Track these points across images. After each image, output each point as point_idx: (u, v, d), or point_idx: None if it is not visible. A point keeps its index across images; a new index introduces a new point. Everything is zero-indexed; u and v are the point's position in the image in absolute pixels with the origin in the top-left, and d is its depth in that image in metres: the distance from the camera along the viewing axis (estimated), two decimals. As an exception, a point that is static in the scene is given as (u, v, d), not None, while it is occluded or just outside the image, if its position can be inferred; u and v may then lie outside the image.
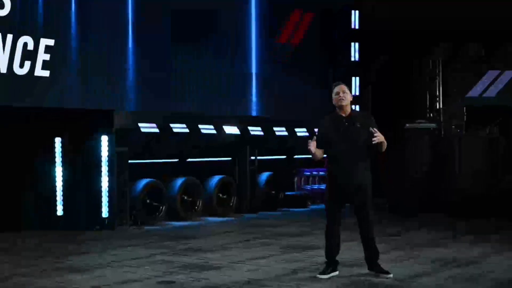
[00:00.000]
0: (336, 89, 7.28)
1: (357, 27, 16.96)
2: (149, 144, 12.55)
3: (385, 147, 7.19)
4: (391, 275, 7.23)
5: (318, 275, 7.29)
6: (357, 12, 16.75)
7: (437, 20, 15.73)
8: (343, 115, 7.29)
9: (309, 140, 7.19)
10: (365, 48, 16.87)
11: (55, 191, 12.12)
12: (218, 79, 13.92)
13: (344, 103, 7.24)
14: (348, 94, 7.28)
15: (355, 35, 16.97)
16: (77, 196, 12.03)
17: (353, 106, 7.83)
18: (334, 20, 16.50)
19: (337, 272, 7.35)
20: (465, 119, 15.59)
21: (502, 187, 13.42)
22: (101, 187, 11.72)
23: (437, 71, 16.16)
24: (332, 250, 7.35)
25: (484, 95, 16.43)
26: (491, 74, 16.29)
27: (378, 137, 7.05)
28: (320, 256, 7.51)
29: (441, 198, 13.62)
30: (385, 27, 16.05)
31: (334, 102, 7.29)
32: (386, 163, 12.90)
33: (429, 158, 14.12)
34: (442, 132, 15.41)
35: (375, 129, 7.09)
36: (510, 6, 14.83)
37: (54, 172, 12.11)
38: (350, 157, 7.15)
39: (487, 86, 16.36)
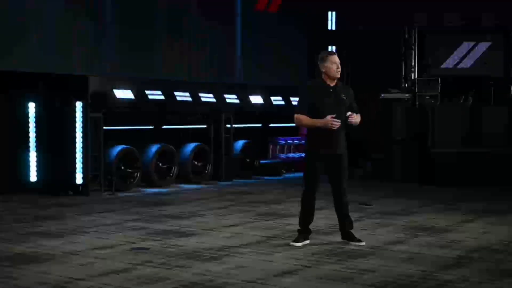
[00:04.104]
0: (334, 59, 7.25)
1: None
2: (124, 110, 12.45)
3: (358, 123, 7.30)
4: (364, 243, 7.31)
5: (292, 243, 7.34)
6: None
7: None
8: (330, 84, 7.30)
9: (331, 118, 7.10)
10: (343, 17, 16.80)
11: (29, 156, 12.03)
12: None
13: (339, 75, 7.29)
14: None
15: (332, 4, 16.89)
16: (51, 161, 11.95)
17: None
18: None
19: (308, 241, 7.40)
20: (439, 90, 15.65)
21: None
22: (75, 153, 11.64)
23: (413, 41, 16.17)
24: (307, 218, 7.40)
25: (459, 66, 16.48)
26: (466, 45, 16.34)
27: (354, 119, 7.17)
28: (295, 224, 7.55)
29: (414, 167, 13.81)
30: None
31: (330, 72, 7.24)
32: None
33: (403, 127, 14.28)
34: (417, 102, 15.48)
35: (353, 113, 7.19)
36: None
37: (28, 137, 12.00)
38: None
39: (462, 57, 16.41)
